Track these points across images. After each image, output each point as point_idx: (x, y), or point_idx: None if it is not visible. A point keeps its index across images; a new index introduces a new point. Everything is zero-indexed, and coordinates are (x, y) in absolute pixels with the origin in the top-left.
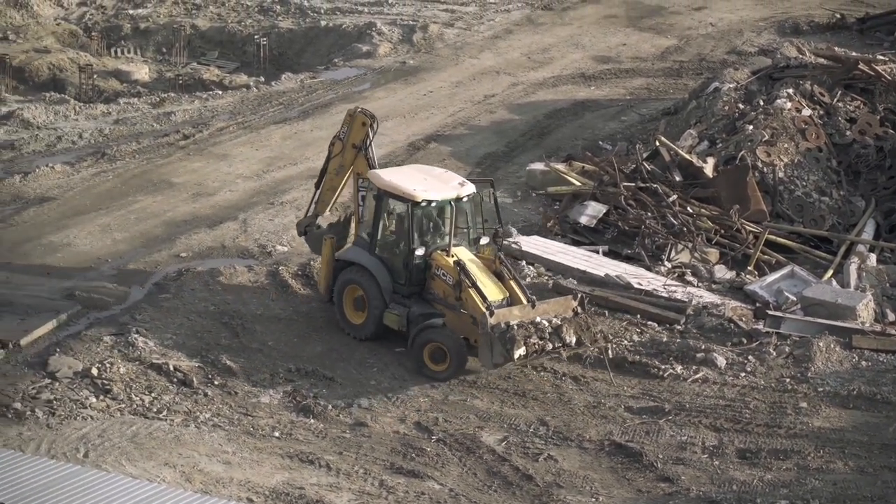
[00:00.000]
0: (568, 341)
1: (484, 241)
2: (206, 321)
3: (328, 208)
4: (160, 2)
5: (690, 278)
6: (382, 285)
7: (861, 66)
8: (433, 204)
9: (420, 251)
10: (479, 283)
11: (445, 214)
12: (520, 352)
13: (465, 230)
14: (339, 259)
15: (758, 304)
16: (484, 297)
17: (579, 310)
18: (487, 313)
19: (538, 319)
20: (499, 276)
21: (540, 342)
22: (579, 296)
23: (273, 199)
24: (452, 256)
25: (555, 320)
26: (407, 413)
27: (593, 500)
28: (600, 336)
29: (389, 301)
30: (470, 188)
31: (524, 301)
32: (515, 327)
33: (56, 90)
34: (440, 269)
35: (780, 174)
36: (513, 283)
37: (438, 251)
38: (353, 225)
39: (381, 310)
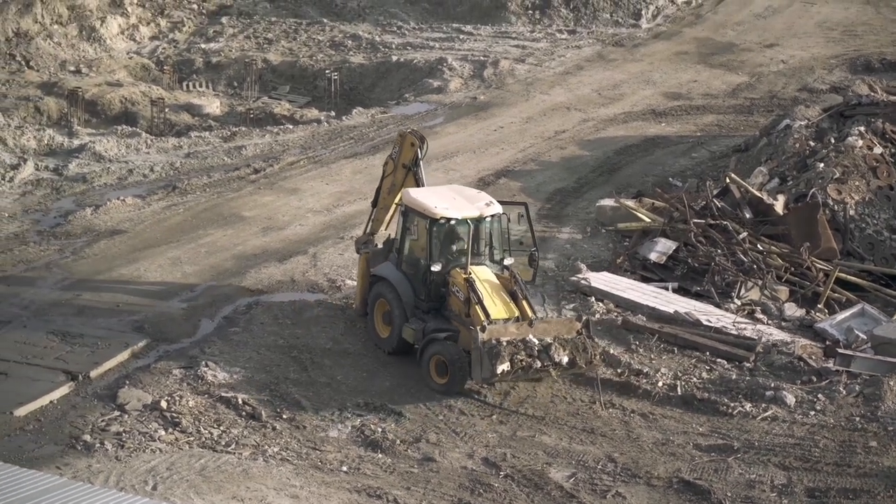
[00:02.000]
0: (558, 360)
1: (508, 261)
2: (275, 355)
3: (383, 227)
4: (232, 36)
5: (760, 316)
6: (404, 300)
7: None
8: (452, 221)
9: (436, 267)
10: (484, 301)
11: (468, 233)
12: (503, 367)
13: (489, 250)
14: (373, 274)
15: (828, 343)
16: (487, 314)
17: (583, 332)
18: (479, 329)
19: (529, 337)
20: (514, 296)
21: (528, 359)
22: (584, 318)
23: (343, 233)
24: (469, 274)
25: (546, 339)
26: (475, 448)
27: None
28: (598, 359)
29: (410, 316)
30: (495, 209)
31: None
32: (504, 343)
33: (128, 123)
34: (455, 286)
35: (851, 212)
36: (524, 303)
37: (457, 269)
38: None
39: (402, 324)
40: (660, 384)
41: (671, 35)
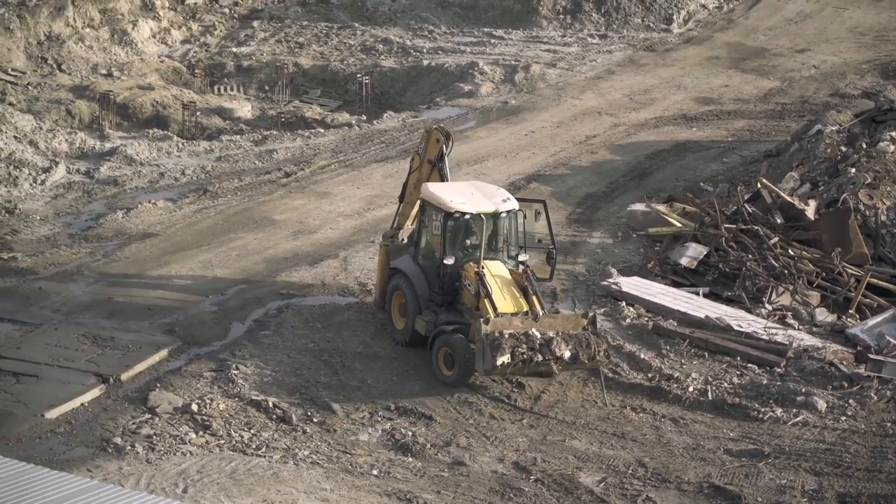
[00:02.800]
0: (559, 354)
1: (523, 257)
2: (305, 358)
3: (409, 221)
4: (263, 40)
5: (791, 321)
6: (419, 292)
7: None
8: (467, 216)
9: (449, 261)
10: (493, 295)
11: (481, 227)
12: (503, 359)
13: (504, 246)
14: (392, 266)
15: (859, 348)
16: (495, 308)
17: (588, 328)
18: (483, 321)
19: (532, 331)
20: (525, 292)
21: (529, 353)
22: (590, 314)
23: (373, 237)
24: (482, 268)
25: (548, 333)
26: (505, 453)
27: None
28: (602, 355)
29: (424, 308)
30: (511, 205)
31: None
32: (506, 336)
33: (159, 127)
34: (467, 280)
35: (883, 217)
36: (534, 299)
37: (471, 263)
38: None
39: (416, 315)
40: (690, 389)
41: (703, 40)
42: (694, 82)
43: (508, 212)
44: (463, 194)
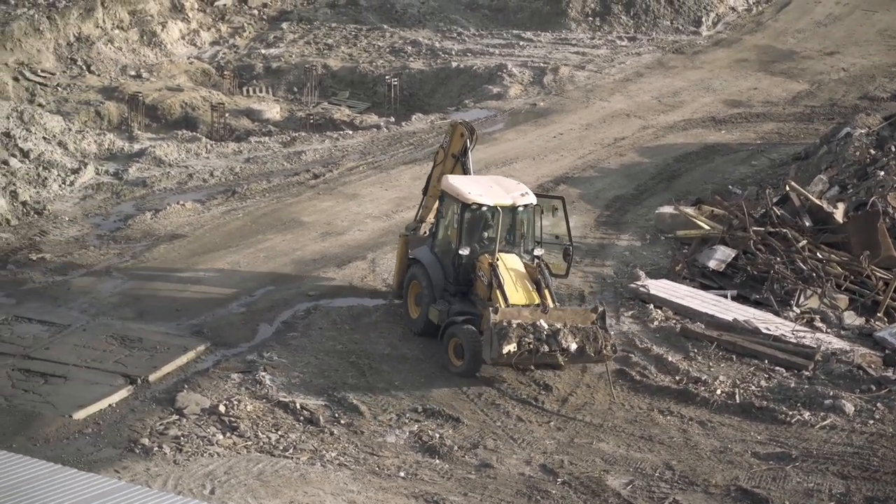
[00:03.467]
0: (565, 346)
1: (539, 252)
2: (333, 360)
3: (431, 214)
4: (292, 42)
5: (819, 324)
6: (434, 282)
7: None
8: (483, 208)
9: (464, 251)
10: (505, 286)
11: (497, 220)
12: (510, 348)
13: (520, 240)
14: (410, 257)
15: (887, 351)
16: (506, 299)
17: (597, 322)
18: (492, 310)
19: (540, 322)
20: (538, 285)
21: (536, 343)
22: (600, 309)
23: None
24: (497, 260)
25: (556, 325)
26: (532, 455)
27: None
28: (609, 350)
29: (438, 297)
30: (528, 199)
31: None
32: (514, 326)
33: (188, 128)
34: (480, 271)
35: None
36: (546, 292)
37: (486, 254)
38: None
39: (430, 305)
40: (718, 392)
41: (731, 42)
42: (723, 85)
43: (526, 206)
44: (482, 187)
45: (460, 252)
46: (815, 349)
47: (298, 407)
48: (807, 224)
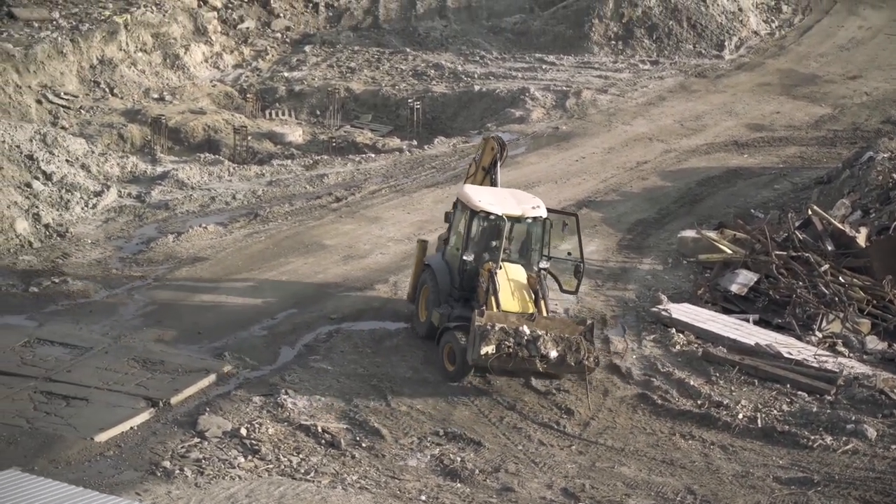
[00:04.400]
0: (544, 353)
1: (544, 264)
2: (355, 383)
3: None
4: (315, 65)
5: (841, 348)
6: (441, 287)
7: None
8: (491, 217)
9: (468, 257)
10: (500, 293)
11: (503, 229)
12: (488, 349)
13: (527, 251)
14: (425, 262)
15: None
16: (498, 305)
17: (584, 334)
18: (477, 313)
19: (522, 328)
20: (537, 295)
21: (515, 347)
22: (588, 322)
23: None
24: (499, 268)
25: (538, 332)
26: (554, 479)
27: None
28: (591, 361)
29: (443, 302)
30: (537, 212)
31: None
32: (496, 329)
33: (211, 151)
34: (482, 277)
35: None
36: (542, 303)
37: (490, 262)
38: None
39: (434, 308)
40: (740, 416)
41: (754, 66)
42: (745, 109)
43: (535, 218)
44: (495, 197)
45: (464, 258)
46: (838, 374)
47: (320, 430)
48: (829, 248)
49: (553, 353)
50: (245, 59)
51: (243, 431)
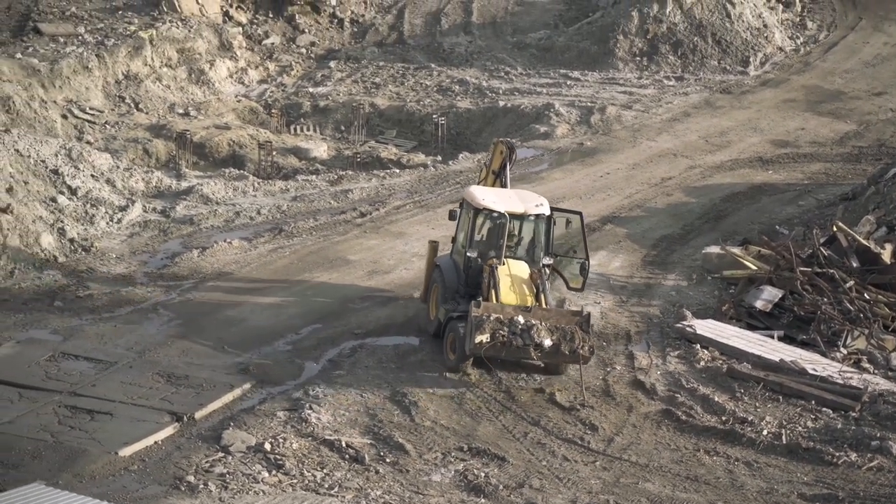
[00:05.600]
0: (538, 341)
1: (546, 261)
2: (379, 398)
3: None
4: (340, 80)
5: (866, 365)
6: (448, 284)
7: None
8: (494, 214)
9: (472, 253)
10: (500, 287)
11: (504, 226)
12: (482, 338)
13: (530, 248)
14: (435, 262)
15: None
16: (498, 298)
17: (580, 324)
18: (474, 303)
19: (517, 318)
20: (538, 290)
21: (509, 336)
22: (585, 313)
23: None
24: (502, 263)
25: (532, 321)
26: (578, 495)
27: None
28: (585, 350)
29: (450, 298)
30: (540, 210)
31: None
32: (492, 318)
33: (235, 166)
34: (484, 273)
35: None
36: (542, 296)
37: (493, 259)
38: None
39: (442, 305)
40: (765, 432)
41: (779, 82)
42: (770, 125)
43: (537, 216)
44: (500, 196)
45: (469, 254)
46: (862, 390)
47: (344, 445)
48: (854, 264)
49: (547, 342)
50: (270, 74)
51: (267, 446)
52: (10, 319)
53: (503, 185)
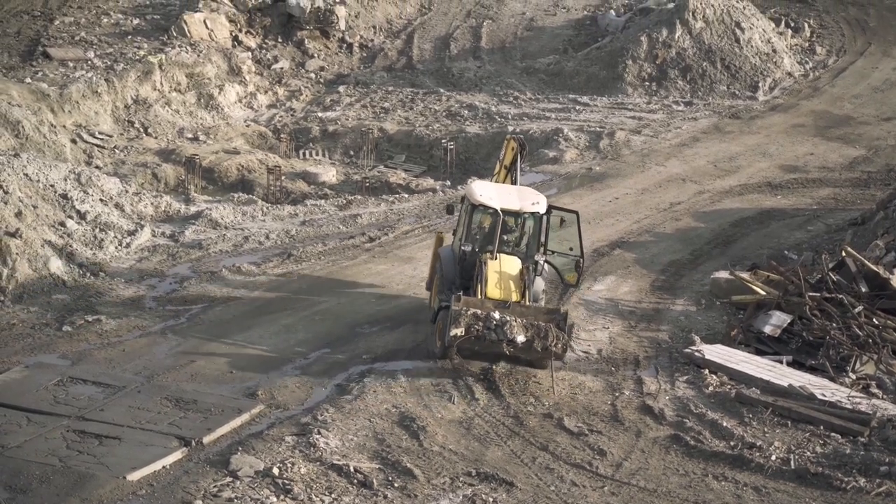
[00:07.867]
0: (511, 337)
1: (538, 258)
2: (387, 423)
3: None
4: (349, 105)
5: (875, 390)
6: (446, 276)
7: None
8: (489, 210)
9: (466, 247)
10: (487, 281)
11: (498, 222)
12: (457, 331)
13: (524, 244)
14: (438, 253)
15: None
16: (483, 292)
17: (557, 322)
18: (455, 297)
19: (493, 314)
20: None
21: (484, 331)
22: (564, 311)
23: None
24: (494, 258)
25: (507, 317)
26: None
27: None
28: (559, 348)
29: (446, 289)
30: (535, 208)
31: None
32: (469, 313)
33: (244, 191)
34: (476, 267)
35: None
36: (527, 292)
37: (486, 253)
38: None
39: (438, 295)
40: (773, 458)
41: (788, 108)
42: (779, 150)
43: (532, 213)
44: (498, 192)
45: (463, 248)
46: (871, 415)
47: (352, 470)
48: (863, 290)
49: (520, 338)
50: (279, 99)
51: (275, 471)
52: (18, 344)
53: (514, 180)
